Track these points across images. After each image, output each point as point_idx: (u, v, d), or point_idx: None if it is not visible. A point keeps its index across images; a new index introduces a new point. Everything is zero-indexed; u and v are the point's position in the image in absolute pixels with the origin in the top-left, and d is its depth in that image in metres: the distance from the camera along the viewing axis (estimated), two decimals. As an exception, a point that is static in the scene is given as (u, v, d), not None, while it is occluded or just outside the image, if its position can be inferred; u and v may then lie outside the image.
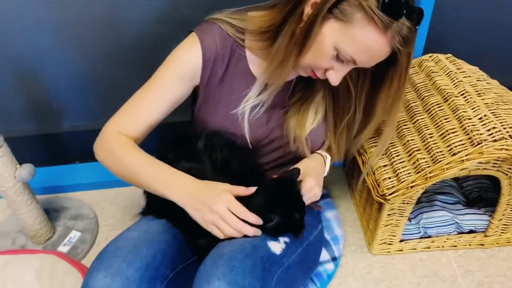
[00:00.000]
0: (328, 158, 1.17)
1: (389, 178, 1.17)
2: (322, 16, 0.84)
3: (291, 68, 0.94)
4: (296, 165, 1.06)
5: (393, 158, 1.19)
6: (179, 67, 0.99)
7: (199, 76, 1.00)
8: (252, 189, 0.91)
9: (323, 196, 1.46)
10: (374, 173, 1.21)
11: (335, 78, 0.93)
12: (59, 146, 1.66)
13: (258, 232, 0.91)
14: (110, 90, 1.50)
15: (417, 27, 0.85)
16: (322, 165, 1.13)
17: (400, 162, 1.17)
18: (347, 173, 1.64)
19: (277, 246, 0.94)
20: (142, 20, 1.33)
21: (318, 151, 1.16)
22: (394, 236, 1.33)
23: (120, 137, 0.99)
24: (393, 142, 1.22)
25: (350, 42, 0.85)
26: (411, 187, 1.12)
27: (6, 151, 1.20)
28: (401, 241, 1.35)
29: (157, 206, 1.02)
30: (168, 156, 0.98)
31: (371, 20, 0.81)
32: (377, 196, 1.18)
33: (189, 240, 0.99)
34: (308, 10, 0.87)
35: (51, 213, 1.51)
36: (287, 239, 0.98)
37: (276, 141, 1.11)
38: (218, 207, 0.86)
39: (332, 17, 0.84)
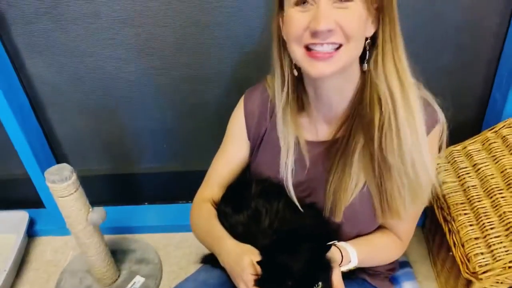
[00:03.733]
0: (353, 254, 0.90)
1: (482, 253, 1.04)
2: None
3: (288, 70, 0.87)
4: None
5: (486, 230, 1.06)
6: (231, 129, 1.02)
7: (246, 134, 1.00)
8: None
9: (402, 265, 1.33)
10: (463, 245, 1.08)
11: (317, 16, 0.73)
12: (129, 187, 1.68)
13: None
14: (185, 137, 1.50)
15: None
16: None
17: (496, 237, 1.04)
18: (427, 236, 1.49)
19: None
20: (223, 69, 1.32)
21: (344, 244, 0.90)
22: (482, 316, 1.17)
23: (201, 208, 1.01)
24: (487, 212, 1.09)
25: None
26: (509, 267, 0.98)
27: (80, 195, 1.21)
28: (490, 322, 1.19)
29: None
30: (226, 210, 0.97)
31: None
32: (466, 273, 1.04)
33: None
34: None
35: (117, 254, 1.51)
36: None
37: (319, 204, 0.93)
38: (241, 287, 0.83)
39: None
